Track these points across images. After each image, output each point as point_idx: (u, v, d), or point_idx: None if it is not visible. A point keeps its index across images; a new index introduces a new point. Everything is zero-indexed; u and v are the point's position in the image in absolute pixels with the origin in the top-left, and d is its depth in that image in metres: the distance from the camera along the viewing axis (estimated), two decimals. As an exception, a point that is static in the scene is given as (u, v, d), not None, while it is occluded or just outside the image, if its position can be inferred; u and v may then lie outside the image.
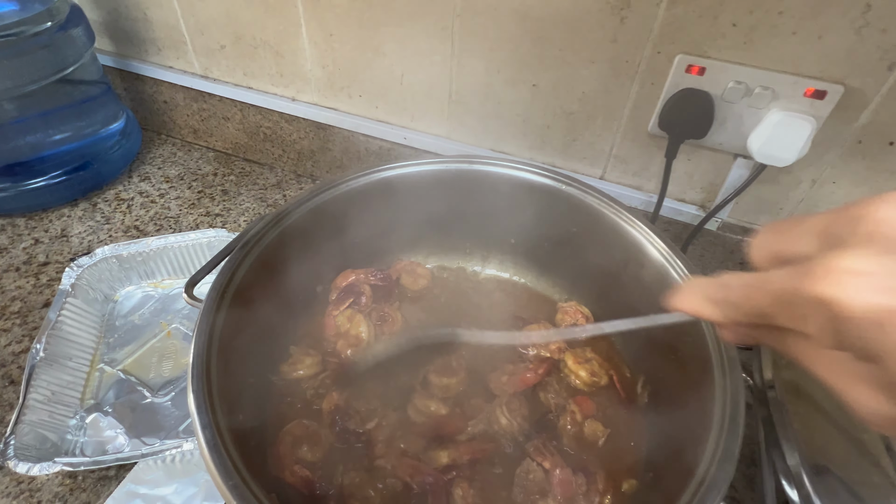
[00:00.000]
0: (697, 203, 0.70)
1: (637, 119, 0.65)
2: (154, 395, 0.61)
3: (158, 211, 0.86)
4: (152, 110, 1.00)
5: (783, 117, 0.56)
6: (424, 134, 0.79)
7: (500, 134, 0.75)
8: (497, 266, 0.68)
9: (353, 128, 0.83)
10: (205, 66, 0.89)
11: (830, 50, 0.52)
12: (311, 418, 0.49)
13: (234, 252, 0.47)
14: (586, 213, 0.55)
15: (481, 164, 0.58)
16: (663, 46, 0.58)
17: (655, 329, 0.32)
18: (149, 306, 0.71)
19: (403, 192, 0.59)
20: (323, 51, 0.77)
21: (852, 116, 0.55)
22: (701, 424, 0.38)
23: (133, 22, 0.88)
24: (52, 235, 0.81)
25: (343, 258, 0.61)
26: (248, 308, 0.46)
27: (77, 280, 0.66)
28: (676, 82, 0.59)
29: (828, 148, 0.59)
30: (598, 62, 0.62)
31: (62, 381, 0.59)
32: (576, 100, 0.67)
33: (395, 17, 0.69)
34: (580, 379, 0.54)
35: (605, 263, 0.55)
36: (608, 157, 0.71)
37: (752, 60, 0.56)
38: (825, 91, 0.54)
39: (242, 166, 0.96)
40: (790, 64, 0.54)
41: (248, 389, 0.45)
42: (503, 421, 0.50)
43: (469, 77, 0.70)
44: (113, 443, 0.57)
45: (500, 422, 0.50)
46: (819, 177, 0.61)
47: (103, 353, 0.65)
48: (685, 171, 0.68)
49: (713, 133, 0.61)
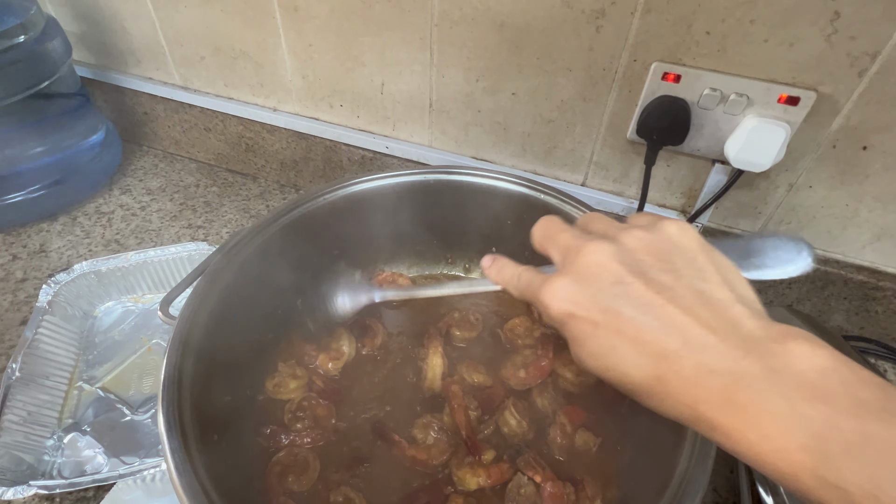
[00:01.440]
0: (678, 208, 0.71)
1: (616, 126, 0.65)
2: (134, 413, 0.60)
3: (140, 224, 0.85)
4: (133, 122, 0.99)
5: (758, 123, 0.56)
6: (406, 143, 0.79)
7: (481, 142, 0.75)
8: (479, 274, 0.68)
9: (335, 137, 0.83)
10: (185, 77, 0.89)
11: (802, 57, 0.53)
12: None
13: (210, 268, 0.46)
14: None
15: (460, 174, 0.58)
16: (639, 54, 0.59)
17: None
18: (129, 322, 0.70)
19: (383, 204, 0.59)
20: (303, 61, 0.77)
21: (825, 122, 0.56)
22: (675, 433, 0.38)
23: (111, 34, 0.87)
24: (31, 251, 0.80)
25: (323, 271, 0.60)
26: (225, 324, 0.46)
27: (54, 297, 0.65)
28: (653, 90, 0.60)
29: (803, 153, 0.59)
30: (576, 70, 0.63)
31: (39, 401, 0.58)
32: (555, 107, 0.67)
33: (374, 27, 0.69)
34: (567, 380, 0.54)
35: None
36: (589, 163, 0.71)
37: (726, 68, 0.56)
38: (798, 97, 0.55)
39: (225, 177, 0.96)
40: (763, 71, 0.55)
41: (225, 409, 0.44)
42: (512, 422, 0.50)
43: (449, 86, 0.70)
44: (91, 463, 0.56)
45: (509, 423, 0.50)
46: (795, 181, 0.62)
47: (82, 371, 0.64)
48: (665, 177, 0.68)
49: (691, 139, 0.62)
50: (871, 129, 0.55)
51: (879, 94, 0.52)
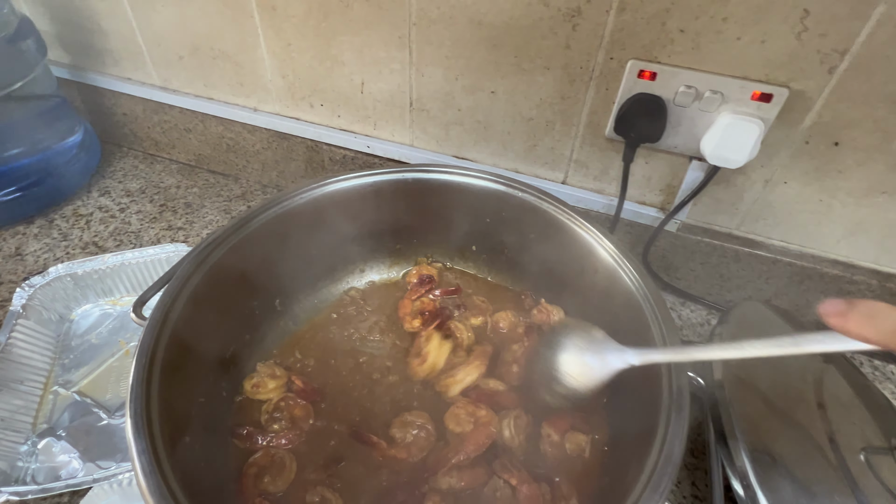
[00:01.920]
0: (657, 205, 0.71)
1: (594, 124, 0.66)
2: (111, 417, 0.59)
3: (118, 226, 0.84)
4: (111, 123, 0.97)
5: (733, 120, 0.57)
6: (388, 142, 0.79)
7: (462, 141, 0.75)
8: (459, 273, 0.68)
9: (316, 137, 0.82)
10: (164, 78, 0.88)
11: (774, 54, 0.53)
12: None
13: (182, 268, 0.46)
14: (542, 219, 0.55)
15: (439, 172, 0.58)
16: (615, 52, 0.59)
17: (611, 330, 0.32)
18: (106, 325, 0.69)
19: (362, 203, 0.59)
20: (282, 60, 0.76)
21: (798, 118, 0.57)
22: (648, 425, 0.38)
23: (87, 33, 0.86)
24: (6, 254, 0.78)
25: (302, 271, 0.60)
26: (199, 325, 0.45)
27: (29, 300, 0.64)
28: (630, 87, 0.60)
29: (777, 149, 0.60)
30: (553, 69, 0.63)
31: (12, 406, 0.57)
32: (534, 106, 0.67)
33: (352, 26, 0.68)
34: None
35: (563, 268, 0.56)
36: (569, 161, 0.71)
37: (700, 65, 0.57)
38: (771, 94, 0.55)
39: (206, 178, 0.95)
40: (737, 68, 0.55)
41: (199, 410, 0.44)
42: (506, 434, 0.49)
43: (429, 85, 0.70)
44: (66, 468, 0.55)
45: (503, 434, 0.50)
46: (771, 177, 0.63)
47: (58, 375, 0.63)
48: (643, 175, 0.69)
49: (667, 136, 0.62)
50: (843, 125, 0.55)
51: (850, 91, 0.53)
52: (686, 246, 0.72)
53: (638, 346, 0.42)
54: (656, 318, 0.43)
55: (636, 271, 0.47)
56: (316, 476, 0.46)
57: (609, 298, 0.50)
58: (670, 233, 0.71)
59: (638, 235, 0.73)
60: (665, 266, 0.75)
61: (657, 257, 0.75)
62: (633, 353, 0.42)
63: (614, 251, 0.50)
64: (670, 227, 0.71)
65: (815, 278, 0.68)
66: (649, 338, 0.43)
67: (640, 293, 0.45)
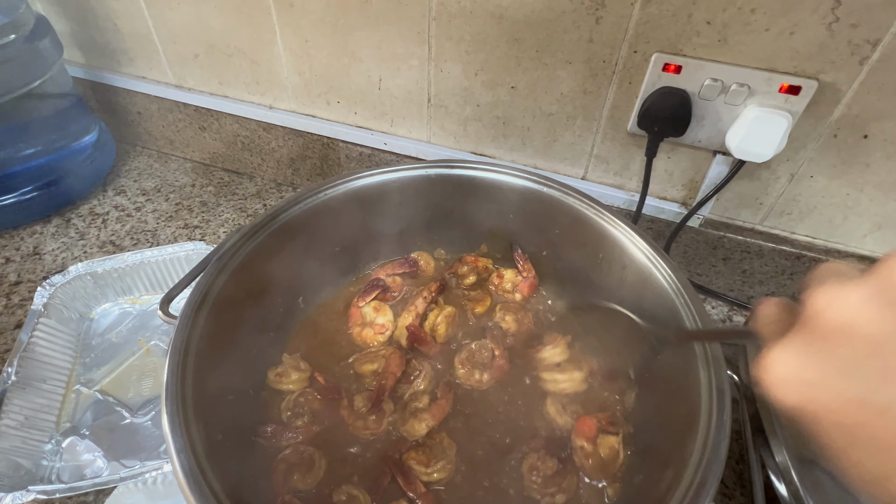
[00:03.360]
0: (679, 200, 0.70)
1: (616, 119, 0.65)
2: (133, 416, 0.59)
3: (135, 225, 0.84)
4: (126, 122, 0.97)
5: (759, 113, 0.56)
6: (405, 139, 0.79)
7: (480, 137, 0.74)
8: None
9: (332, 134, 0.82)
10: (179, 76, 0.87)
11: (803, 46, 0.52)
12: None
13: (210, 266, 0.46)
14: (567, 215, 0.55)
15: (462, 168, 0.58)
16: (639, 45, 0.58)
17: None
18: (126, 323, 0.69)
19: (384, 199, 0.58)
20: (299, 57, 0.76)
21: (827, 111, 0.56)
22: (687, 423, 0.38)
23: (103, 32, 0.86)
24: (24, 254, 0.78)
25: (325, 268, 0.60)
26: (227, 323, 0.45)
27: (50, 299, 0.64)
28: (653, 81, 0.60)
29: (804, 142, 0.59)
30: (575, 63, 0.62)
31: (36, 405, 0.57)
32: (554, 101, 0.66)
33: (371, 22, 0.68)
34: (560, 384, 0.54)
35: (589, 264, 0.55)
36: (589, 157, 0.70)
37: (727, 58, 0.56)
38: (799, 86, 0.54)
39: (221, 176, 0.95)
40: (764, 60, 0.55)
41: (228, 407, 0.44)
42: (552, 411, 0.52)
43: (447, 80, 0.70)
44: (91, 466, 0.55)
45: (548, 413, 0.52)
46: (797, 171, 0.62)
47: (79, 374, 0.63)
48: (665, 170, 0.68)
49: (692, 131, 0.61)
50: (872, 117, 0.55)
51: (880, 82, 0.52)
52: (708, 241, 0.71)
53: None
54: (691, 313, 0.42)
55: (668, 267, 0.47)
56: (342, 469, 0.46)
57: (640, 295, 0.49)
58: (692, 228, 0.71)
59: (659, 231, 0.72)
60: (686, 262, 0.75)
61: (678, 253, 0.74)
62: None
63: (646, 247, 0.49)
64: (692, 223, 0.70)
65: (841, 273, 0.67)
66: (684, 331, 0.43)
67: (673, 289, 0.45)
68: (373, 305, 0.60)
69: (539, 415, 0.51)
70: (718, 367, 0.39)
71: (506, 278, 0.64)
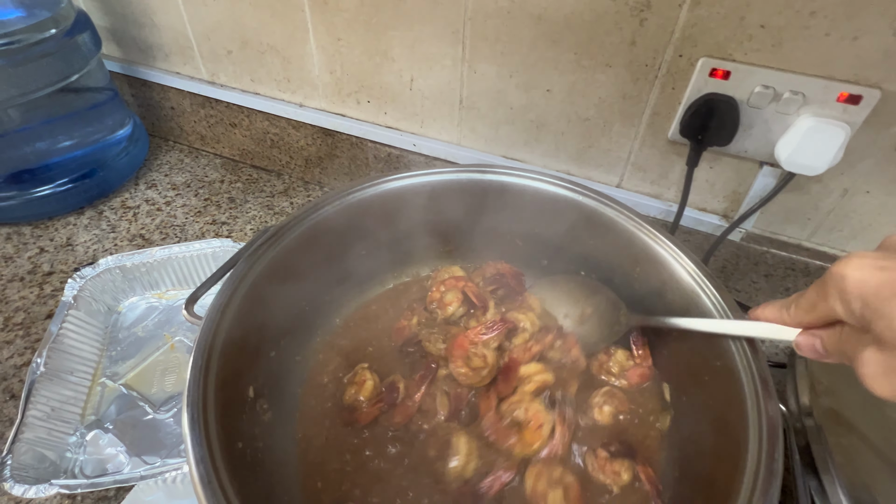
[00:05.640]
0: (719, 213, 0.67)
1: (656, 125, 0.62)
2: (156, 412, 0.59)
3: (164, 219, 0.85)
4: (159, 116, 0.99)
5: (814, 123, 0.53)
6: (434, 140, 0.77)
7: (512, 140, 0.72)
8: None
9: (361, 134, 0.81)
10: (212, 72, 0.88)
11: (866, 52, 0.49)
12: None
13: (237, 266, 0.45)
14: (604, 226, 0.52)
15: (494, 173, 0.56)
16: (685, 49, 0.56)
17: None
18: (152, 318, 0.69)
19: (413, 203, 0.57)
20: (331, 55, 0.75)
21: (889, 122, 0.52)
22: (732, 459, 0.35)
23: (140, 28, 0.87)
24: (58, 244, 0.80)
25: (351, 271, 0.59)
26: (251, 325, 0.44)
27: (80, 291, 0.65)
28: (699, 87, 0.57)
29: (862, 156, 0.55)
30: (616, 66, 0.60)
31: (63, 397, 0.58)
32: (592, 105, 0.64)
33: (405, 21, 0.66)
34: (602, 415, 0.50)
35: (624, 276, 0.53)
36: (626, 164, 0.68)
37: (780, 63, 0.53)
38: (860, 96, 0.51)
39: (250, 173, 0.95)
40: (822, 67, 0.51)
41: (248, 412, 0.43)
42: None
43: (480, 82, 0.68)
44: (113, 461, 0.55)
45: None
46: (851, 185, 0.58)
47: (105, 367, 0.64)
48: (706, 180, 0.65)
49: (738, 140, 0.58)
50: (940, 130, 0.51)
51: (952, 93, 0.48)
52: (749, 256, 0.68)
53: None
54: (740, 342, 0.40)
55: (714, 286, 0.44)
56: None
57: (678, 312, 0.46)
58: (733, 242, 0.67)
59: (697, 244, 0.69)
60: (725, 277, 0.71)
61: (717, 268, 0.71)
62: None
63: (688, 263, 0.46)
64: (733, 237, 0.67)
65: None
66: (728, 357, 0.40)
67: (718, 311, 0.42)
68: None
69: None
70: (769, 399, 0.36)
71: (615, 358, 0.54)
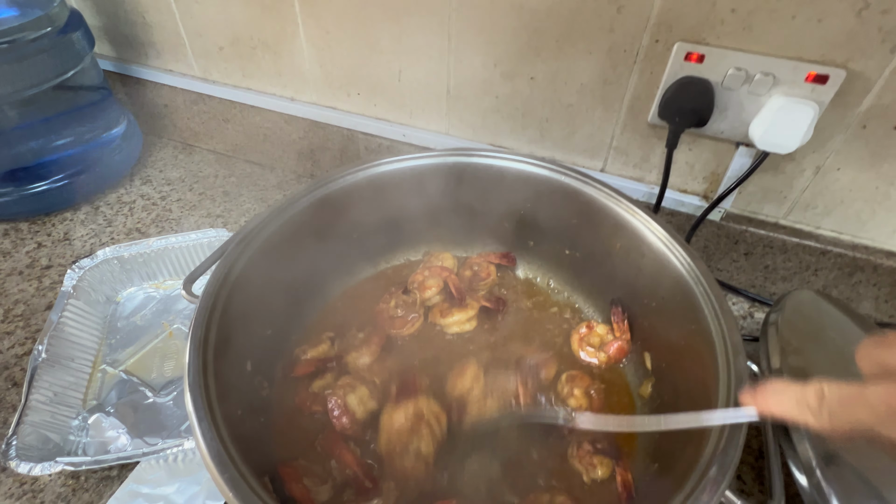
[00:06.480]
0: (700, 194, 0.69)
1: (636, 109, 0.65)
2: (156, 395, 0.61)
3: (160, 213, 0.86)
4: (153, 114, 1.00)
5: (785, 103, 0.55)
6: (423, 131, 0.79)
7: (498, 128, 0.74)
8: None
9: (352, 126, 0.83)
10: (204, 69, 0.89)
11: (831, 33, 0.51)
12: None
13: (232, 247, 0.47)
14: (585, 204, 0.54)
15: (479, 156, 0.58)
16: (661, 34, 0.58)
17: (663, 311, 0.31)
18: (150, 307, 0.71)
19: (402, 187, 0.59)
20: (321, 49, 0.77)
21: (855, 101, 0.55)
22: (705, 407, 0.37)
23: (132, 26, 0.89)
24: (55, 239, 0.81)
25: (347, 253, 0.61)
26: (248, 302, 0.46)
27: (79, 282, 0.66)
28: (675, 71, 0.59)
29: (831, 134, 0.58)
30: (596, 53, 0.62)
31: (64, 382, 0.59)
32: (574, 92, 0.66)
33: (392, 13, 0.68)
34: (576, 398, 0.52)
35: (607, 253, 0.55)
36: (608, 149, 0.70)
37: (751, 46, 0.55)
38: (827, 75, 0.53)
39: (243, 168, 0.96)
40: (791, 49, 0.54)
41: (248, 383, 0.44)
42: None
43: (466, 71, 0.70)
44: (115, 443, 0.57)
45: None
46: (823, 164, 0.60)
47: (105, 354, 0.65)
48: (686, 162, 0.67)
49: (714, 121, 0.60)
50: (904, 107, 0.53)
51: (913, 71, 0.51)
52: (729, 236, 0.70)
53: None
54: (710, 302, 0.42)
55: (687, 255, 0.46)
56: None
57: (657, 283, 0.48)
58: (713, 222, 0.69)
59: (679, 224, 0.71)
60: (707, 256, 0.74)
61: (698, 247, 0.73)
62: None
63: (664, 234, 0.49)
64: (713, 216, 0.69)
65: (868, 270, 0.65)
66: (702, 320, 0.42)
67: (691, 276, 0.44)
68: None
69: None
70: (738, 356, 0.38)
71: (595, 332, 0.56)
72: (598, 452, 0.46)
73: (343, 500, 0.43)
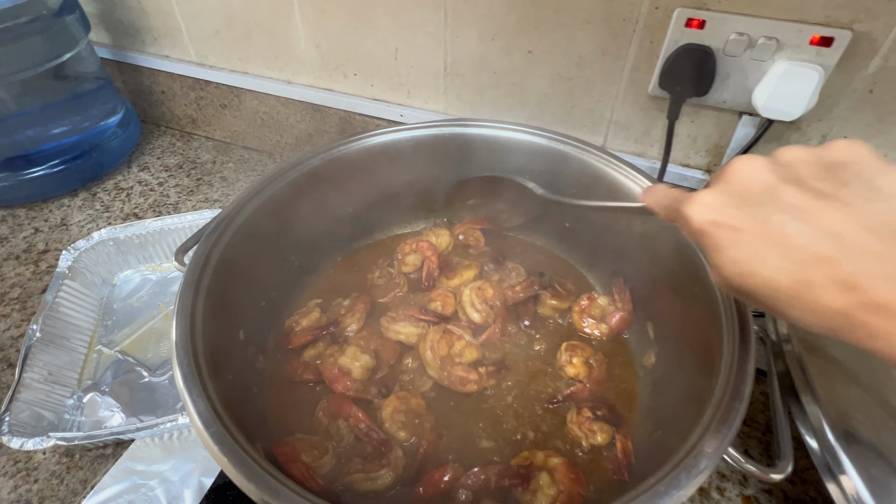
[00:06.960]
0: (702, 167, 0.68)
1: (637, 81, 0.63)
2: (152, 375, 0.60)
3: (157, 199, 0.86)
4: (151, 101, 1.00)
5: (789, 68, 0.54)
6: (421, 110, 0.78)
7: (497, 105, 0.73)
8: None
9: (349, 108, 0.82)
10: (200, 53, 0.89)
11: (836, -7, 0.50)
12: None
13: (220, 217, 0.46)
14: (585, 172, 0.53)
15: (475, 126, 0.57)
16: (661, 1, 0.57)
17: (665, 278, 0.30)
18: (147, 289, 0.70)
19: (397, 158, 0.58)
20: (316, 28, 0.76)
21: (862, 64, 0.53)
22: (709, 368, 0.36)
23: (128, 11, 0.88)
24: (52, 224, 0.81)
25: (341, 225, 0.60)
26: (236, 270, 0.45)
27: (74, 262, 0.66)
28: (676, 38, 0.58)
29: (837, 100, 0.56)
30: (594, 22, 0.61)
31: (60, 362, 0.58)
32: (573, 64, 0.65)
33: (387, -12, 0.68)
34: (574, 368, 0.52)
35: (606, 221, 0.54)
36: (609, 123, 0.69)
37: (753, 10, 0.54)
38: (832, 38, 0.52)
39: (241, 154, 0.96)
40: (794, 11, 0.52)
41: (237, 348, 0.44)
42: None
43: (463, 47, 0.69)
44: (110, 421, 0.56)
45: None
46: (829, 131, 0.59)
47: (101, 335, 0.64)
48: (688, 135, 0.66)
49: (716, 90, 0.59)
50: (912, 69, 0.52)
51: (921, 30, 0.49)
52: (734, 210, 0.69)
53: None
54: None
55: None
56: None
57: (659, 249, 0.47)
58: (717, 196, 0.68)
59: (682, 200, 0.70)
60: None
61: (702, 224, 0.72)
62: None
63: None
64: (717, 190, 0.67)
65: (877, 242, 0.64)
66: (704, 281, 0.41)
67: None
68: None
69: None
70: (742, 315, 0.37)
71: (597, 303, 0.55)
72: (598, 419, 0.45)
73: (349, 471, 0.42)
